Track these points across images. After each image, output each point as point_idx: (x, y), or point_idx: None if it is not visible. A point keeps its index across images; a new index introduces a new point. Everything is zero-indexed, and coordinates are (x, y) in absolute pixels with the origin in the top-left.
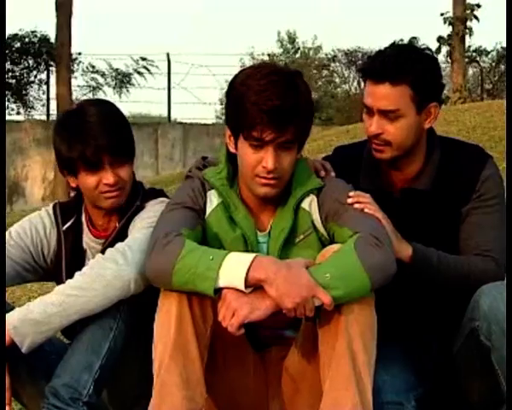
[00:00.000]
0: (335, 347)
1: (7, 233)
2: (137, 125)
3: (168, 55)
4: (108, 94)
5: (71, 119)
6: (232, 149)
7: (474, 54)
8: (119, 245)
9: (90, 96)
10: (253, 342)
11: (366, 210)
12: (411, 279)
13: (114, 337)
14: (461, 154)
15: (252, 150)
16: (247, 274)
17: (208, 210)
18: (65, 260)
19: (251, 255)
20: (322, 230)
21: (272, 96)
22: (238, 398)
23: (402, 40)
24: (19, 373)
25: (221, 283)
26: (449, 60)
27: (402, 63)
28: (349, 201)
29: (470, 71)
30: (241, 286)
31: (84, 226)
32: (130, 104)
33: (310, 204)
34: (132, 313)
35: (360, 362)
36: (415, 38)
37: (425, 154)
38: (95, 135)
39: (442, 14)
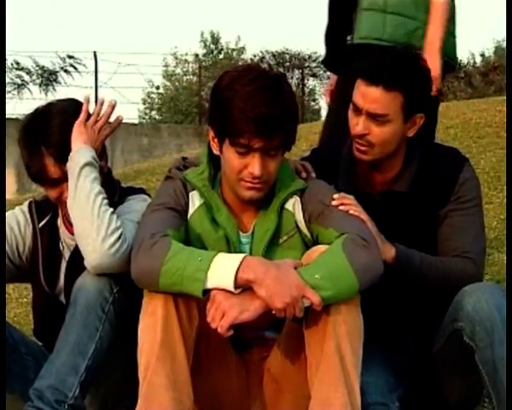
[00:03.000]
0: (323, 348)
1: None
2: None
3: (95, 53)
4: (34, 92)
5: (30, 127)
6: (216, 151)
7: None
8: (129, 234)
9: (15, 93)
10: (234, 342)
11: (351, 212)
12: (394, 280)
13: (100, 338)
14: (439, 156)
15: (238, 156)
16: (236, 275)
17: (191, 211)
18: (41, 258)
19: (239, 256)
20: (305, 231)
21: (260, 103)
22: (220, 399)
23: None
24: None
25: (210, 284)
26: None
27: (398, 69)
28: (333, 203)
29: None
30: (231, 287)
31: (61, 223)
32: None
33: (293, 205)
34: (118, 314)
35: (348, 363)
36: (410, 45)
37: (404, 156)
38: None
39: None
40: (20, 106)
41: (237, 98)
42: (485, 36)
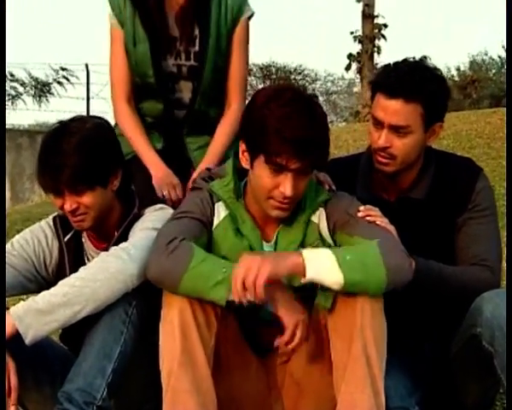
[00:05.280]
0: (351, 350)
1: (9, 244)
2: None
3: (87, 65)
4: (28, 103)
5: (45, 145)
6: (245, 165)
7: None
8: (122, 244)
9: (9, 104)
10: (254, 347)
11: (378, 222)
12: (413, 290)
13: (125, 341)
14: (455, 166)
15: (270, 174)
16: None
17: (216, 221)
18: (69, 272)
19: None
20: (329, 240)
21: (296, 125)
22: (241, 402)
23: (414, 57)
24: (24, 379)
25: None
26: (358, 76)
27: (417, 81)
28: (360, 214)
29: None
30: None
31: (86, 238)
32: (50, 114)
33: (318, 216)
34: (141, 317)
35: (375, 365)
36: (425, 57)
37: (421, 165)
38: (55, 167)
39: (352, 33)
40: (14, 116)
41: (273, 118)
42: (459, 50)
